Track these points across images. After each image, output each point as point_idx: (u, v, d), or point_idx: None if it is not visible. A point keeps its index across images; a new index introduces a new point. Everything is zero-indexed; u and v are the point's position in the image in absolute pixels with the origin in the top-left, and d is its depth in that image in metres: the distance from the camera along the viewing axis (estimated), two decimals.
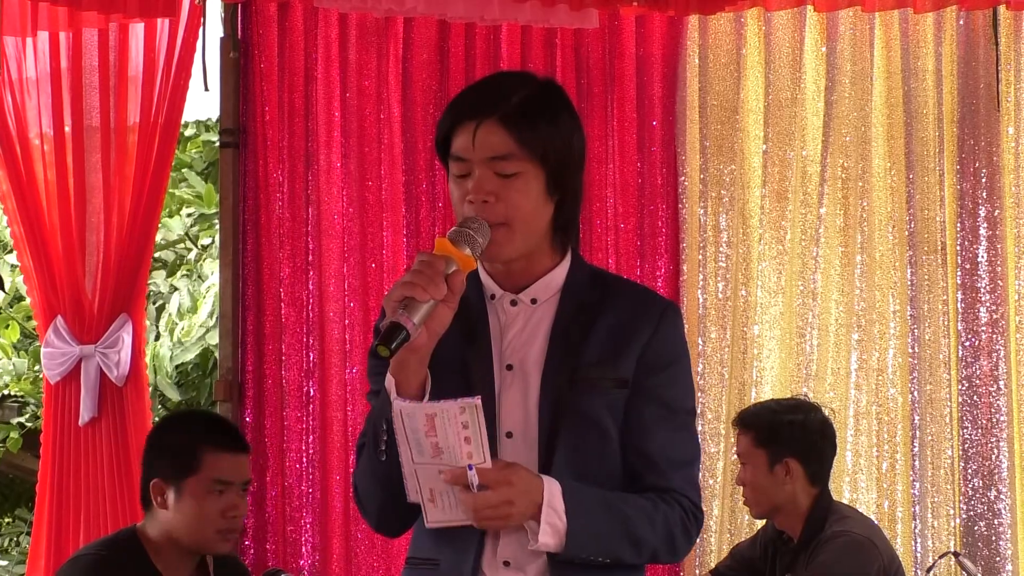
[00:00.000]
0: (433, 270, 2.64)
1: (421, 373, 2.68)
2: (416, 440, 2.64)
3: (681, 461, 2.84)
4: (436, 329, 2.66)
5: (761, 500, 4.82)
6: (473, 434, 2.61)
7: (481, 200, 2.74)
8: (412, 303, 2.62)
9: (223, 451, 4.06)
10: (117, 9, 5.64)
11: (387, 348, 2.60)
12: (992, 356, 6.10)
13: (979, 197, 6.17)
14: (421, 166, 6.08)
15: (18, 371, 10.07)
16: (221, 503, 4.02)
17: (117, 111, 5.76)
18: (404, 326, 2.60)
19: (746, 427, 4.86)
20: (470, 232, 2.71)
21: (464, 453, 2.62)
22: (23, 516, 10.88)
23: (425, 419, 2.62)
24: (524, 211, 2.76)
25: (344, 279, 5.97)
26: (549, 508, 2.68)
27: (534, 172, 2.76)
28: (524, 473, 2.69)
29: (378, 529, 2.88)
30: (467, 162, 2.77)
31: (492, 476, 2.64)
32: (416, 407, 2.62)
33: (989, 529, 6.05)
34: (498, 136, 2.75)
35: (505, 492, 2.65)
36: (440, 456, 2.64)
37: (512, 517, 2.67)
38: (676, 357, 2.86)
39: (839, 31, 6.21)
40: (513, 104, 2.77)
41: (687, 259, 6.25)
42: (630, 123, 6.27)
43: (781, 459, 4.78)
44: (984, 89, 6.18)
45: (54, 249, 5.72)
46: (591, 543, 2.72)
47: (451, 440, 2.62)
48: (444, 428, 2.62)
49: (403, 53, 6.11)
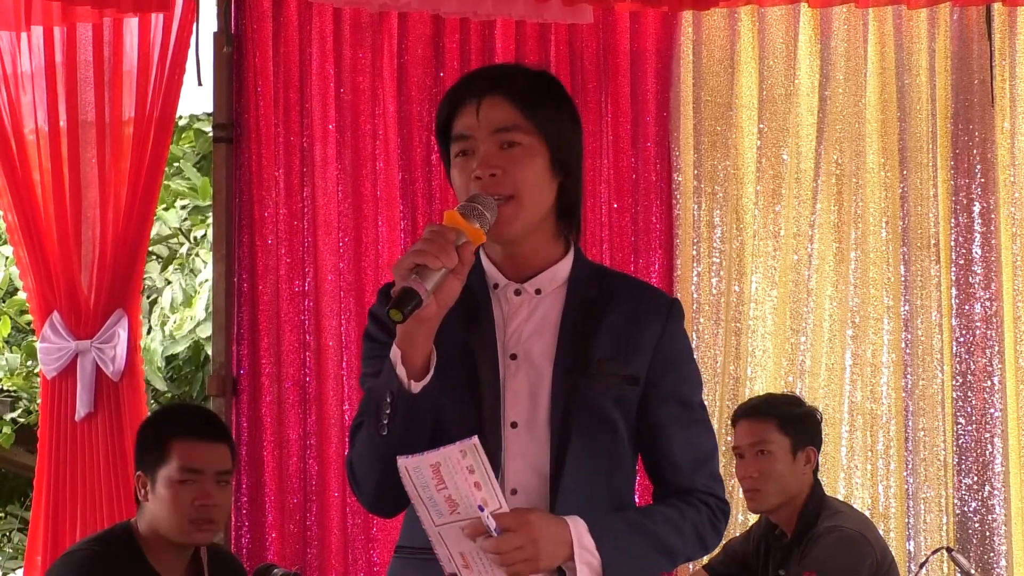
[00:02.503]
0: (444, 239, 2.63)
1: (427, 347, 2.67)
2: (430, 498, 2.61)
3: (702, 458, 2.87)
4: (445, 300, 2.65)
5: (775, 491, 4.78)
6: (481, 478, 2.58)
7: (488, 174, 2.75)
8: (424, 270, 2.60)
9: (191, 440, 4.06)
10: (110, 4, 5.64)
11: (400, 312, 2.57)
12: (986, 352, 6.10)
13: (973, 193, 6.17)
14: (417, 161, 6.09)
15: (10, 366, 10.06)
16: (192, 492, 4.02)
17: (112, 106, 5.77)
18: (417, 291, 2.58)
19: (765, 415, 4.84)
20: (478, 207, 2.71)
21: (477, 500, 2.60)
22: (15, 512, 10.87)
23: (431, 471, 2.59)
24: (530, 183, 2.77)
25: (340, 274, 5.97)
26: (581, 548, 2.69)
27: (539, 147, 2.79)
28: (543, 515, 2.69)
29: (373, 509, 2.86)
30: (471, 139, 2.79)
31: (511, 519, 2.63)
32: (419, 460, 2.59)
33: (982, 525, 6.06)
34: (503, 108, 2.78)
35: (527, 531, 2.64)
36: (457, 511, 2.61)
37: (540, 559, 2.66)
38: (686, 353, 2.90)
39: (833, 27, 6.21)
40: (518, 82, 2.81)
41: (681, 254, 6.25)
42: (624, 119, 6.28)
43: (804, 447, 4.81)
44: (978, 84, 6.18)
45: (50, 244, 5.72)
46: (628, 569, 2.74)
47: (462, 489, 2.59)
48: (452, 476, 2.59)
49: (398, 48, 6.11)
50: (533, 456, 2.76)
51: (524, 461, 2.77)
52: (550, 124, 2.80)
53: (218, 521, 4.08)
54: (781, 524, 4.85)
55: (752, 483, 4.82)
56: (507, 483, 2.76)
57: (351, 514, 5.87)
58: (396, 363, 2.67)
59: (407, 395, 2.67)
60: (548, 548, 2.66)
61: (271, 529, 5.88)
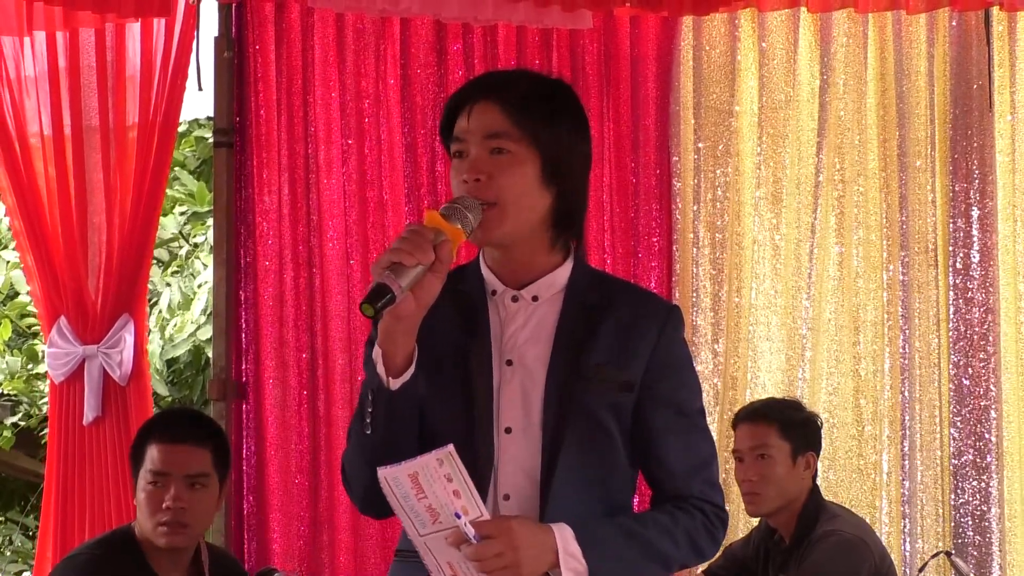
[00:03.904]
0: (421, 237, 2.65)
1: (408, 345, 2.69)
2: (412, 508, 2.62)
3: (698, 465, 2.86)
4: (424, 298, 2.67)
5: (774, 495, 4.80)
6: (459, 486, 2.59)
7: (474, 179, 2.77)
8: (399, 267, 2.62)
9: (160, 443, 4.07)
10: (112, 8, 5.65)
11: (371, 307, 2.60)
12: (983, 357, 6.12)
13: (971, 198, 6.18)
14: (422, 166, 6.09)
15: (11, 369, 10.06)
16: (160, 495, 4.01)
17: (116, 111, 5.77)
18: (390, 287, 2.60)
19: (766, 419, 4.86)
20: (461, 208, 2.73)
21: (457, 508, 2.60)
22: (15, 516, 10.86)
23: (409, 481, 2.60)
24: (514, 193, 2.77)
25: (343, 278, 5.97)
26: (566, 555, 2.69)
27: (528, 156, 2.79)
28: (526, 521, 2.68)
29: (364, 510, 2.86)
30: (464, 142, 2.81)
31: (491, 526, 2.63)
32: (397, 469, 2.60)
33: (979, 529, 6.07)
34: (492, 114, 2.79)
35: (508, 538, 2.63)
36: (439, 520, 2.62)
37: (521, 565, 2.64)
38: (684, 360, 2.89)
39: (833, 32, 6.22)
40: (514, 90, 2.82)
41: (680, 260, 6.25)
42: (625, 124, 6.28)
43: (804, 452, 4.82)
44: (977, 90, 6.20)
45: (56, 249, 5.73)
46: (617, 574, 2.73)
47: (441, 497, 2.60)
48: (431, 485, 2.59)
49: (400, 53, 6.12)
50: (525, 461, 2.78)
51: (517, 466, 2.78)
52: (543, 133, 2.80)
53: (193, 524, 4.04)
54: (780, 529, 4.86)
55: (751, 486, 4.83)
56: (500, 488, 2.77)
57: (355, 517, 5.87)
58: (377, 361, 2.69)
59: (386, 392, 2.69)
60: (530, 554, 2.65)
61: (274, 532, 5.89)
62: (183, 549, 4.07)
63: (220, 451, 4.15)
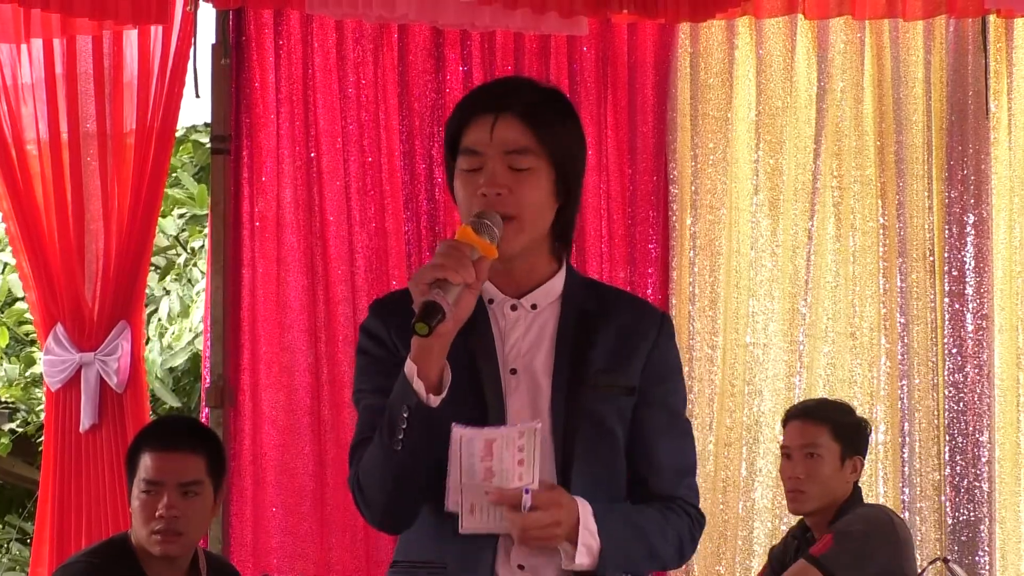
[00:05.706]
0: (462, 254, 2.67)
1: (441, 361, 2.70)
2: (470, 464, 2.67)
3: (685, 469, 2.91)
4: (460, 315, 2.69)
5: (818, 494, 4.82)
6: (528, 456, 2.65)
7: (495, 193, 2.77)
8: (445, 284, 2.63)
9: (151, 451, 4.06)
10: (109, 15, 5.64)
11: (426, 325, 2.60)
12: (978, 362, 6.12)
13: (967, 204, 6.19)
14: (420, 172, 6.09)
15: (9, 376, 10.06)
16: (154, 503, 4.00)
17: (113, 117, 5.77)
18: (442, 305, 2.61)
19: (819, 419, 4.89)
20: (488, 223, 2.73)
21: (516, 476, 2.66)
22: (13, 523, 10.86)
23: (484, 444, 2.66)
24: (534, 207, 2.80)
25: (342, 285, 5.97)
26: (584, 529, 2.73)
27: (546, 170, 2.81)
28: (566, 495, 2.73)
29: (382, 525, 2.86)
30: (480, 155, 2.80)
31: (544, 498, 2.68)
32: (476, 433, 2.66)
33: (976, 536, 6.07)
34: (516, 130, 2.80)
35: (555, 513, 2.70)
36: (491, 480, 2.67)
37: (558, 538, 2.72)
38: (677, 367, 2.94)
39: (830, 39, 6.23)
40: (531, 102, 2.83)
41: (677, 267, 6.25)
42: (622, 130, 6.29)
43: (852, 455, 4.86)
44: (973, 97, 6.20)
45: (52, 256, 5.72)
46: (621, 561, 2.78)
47: (506, 464, 2.65)
48: (501, 453, 2.65)
49: (398, 60, 6.12)
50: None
51: None
52: (559, 148, 2.82)
53: (187, 532, 4.03)
54: (813, 527, 4.89)
55: (797, 483, 4.86)
56: None
57: (353, 526, 5.87)
58: (412, 378, 2.68)
59: (426, 409, 2.69)
60: (568, 526, 2.72)
61: (272, 540, 5.88)
62: (179, 557, 4.06)
63: (214, 458, 4.13)
